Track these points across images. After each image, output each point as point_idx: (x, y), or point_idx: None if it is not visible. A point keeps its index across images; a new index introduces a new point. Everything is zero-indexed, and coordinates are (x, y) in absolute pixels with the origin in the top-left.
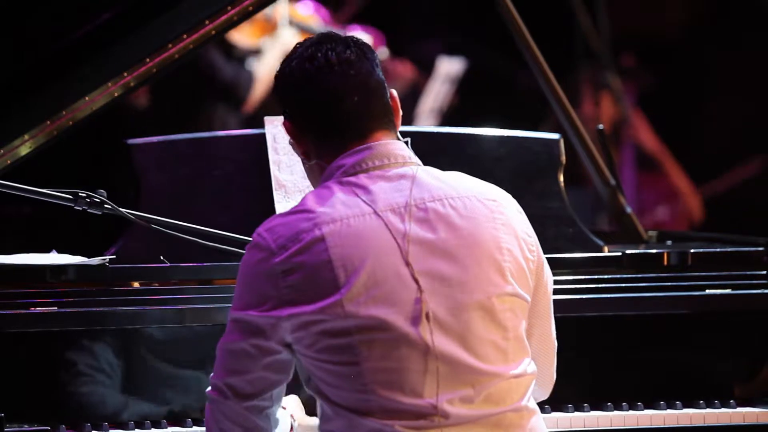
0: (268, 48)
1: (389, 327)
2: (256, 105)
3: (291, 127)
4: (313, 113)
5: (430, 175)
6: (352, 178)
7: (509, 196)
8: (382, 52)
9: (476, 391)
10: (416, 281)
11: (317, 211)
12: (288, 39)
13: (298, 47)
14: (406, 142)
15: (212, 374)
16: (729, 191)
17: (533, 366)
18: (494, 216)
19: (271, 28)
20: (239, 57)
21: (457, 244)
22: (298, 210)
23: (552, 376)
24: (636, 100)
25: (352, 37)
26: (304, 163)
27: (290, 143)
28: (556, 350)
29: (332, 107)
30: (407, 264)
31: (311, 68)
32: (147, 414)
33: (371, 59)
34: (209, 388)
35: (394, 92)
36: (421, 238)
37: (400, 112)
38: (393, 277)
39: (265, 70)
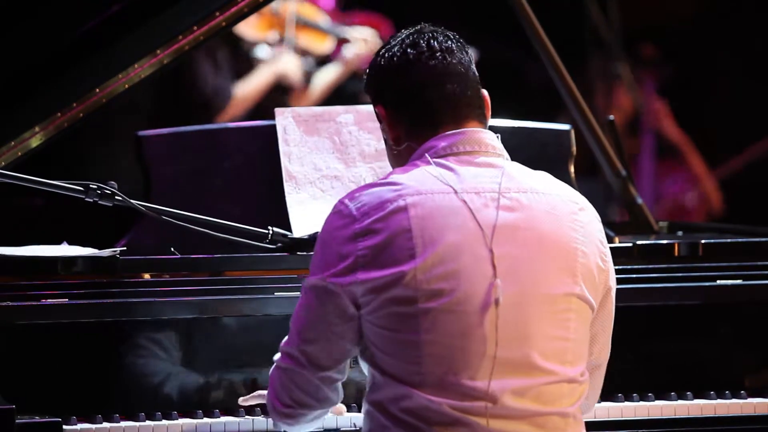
0: (262, 68)
1: (456, 304)
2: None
3: (386, 113)
4: (413, 96)
5: (518, 169)
6: (441, 160)
7: (590, 204)
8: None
9: (529, 385)
10: (494, 266)
11: (403, 184)
12: (286, 64)
13: (396, 36)
14: (498, 138)
15: (284, 342)
16: (749, 179)
17: (587, 376)
18: (575, 218)
19: (278, 22)
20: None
21: (536, 237)
22: (384, 182)
23: (598, 390)
24: (657, 89)
25: (451, 31)
26: (391, 150)
27: (382, 129)
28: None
29: (432, 91)
30: (490, 249)
31: (414, 53)
32: (158, 405)
33: (468, 53)
34: (279, 356)
35: (486, 93)
36: (505, 225)
37: (490, 111)
38: (469, 258)
39: (247, 89)
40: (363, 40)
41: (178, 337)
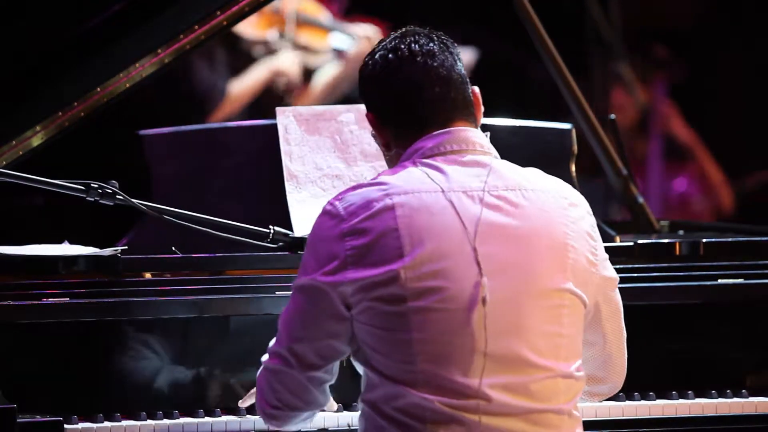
0: (260, 63)
1: (444, 302)
2: (219, 120)
3: (373, 119)
4: (395, 103)
5: (507, 166)
6: (428, 160)
7: (582, 197)
8: None
9: (522, 380)
10: (478, 264)
11: (390, 183)
12: (283, 61)
13: (382, 41)
14: (486, 136)
15: (272, 343)
16: (759, 181)
17: (582, 373)
18: (566, 213)
19: (278, 21)
20: (245, 52)
21: (525, 233)
22: (372, 182)
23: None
24: (667, 90)
25: (436, 31)
26: (384, 155)
27: (372, 135)
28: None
29: (414, 97)
30: (473, 248)
31: (394, 59)
32: (159, 404)
33: (453, 53)
34: (267, 357)
35: (476, 89)
36: (490, 223)
37: (482, 108)
38: (457, 256)
39: (242, 86)
40: (366, 38)
41: (179, 336)
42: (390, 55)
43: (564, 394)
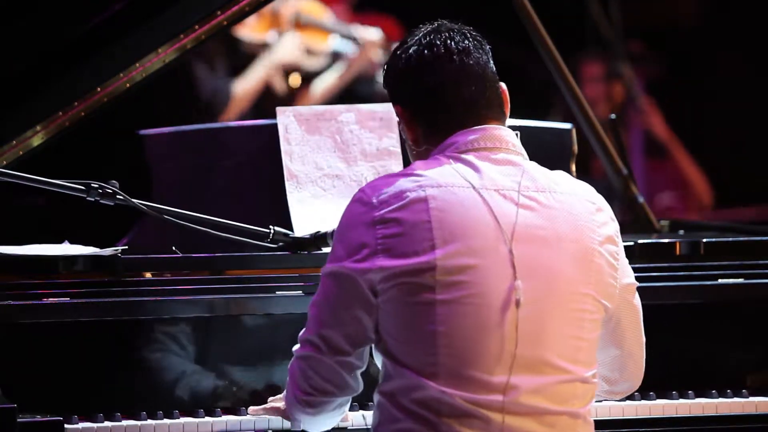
0: (259, 61)
1: (473, 298)
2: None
3: (403, 113)
4: (430, 100)
5: (537, 168)
6: (461, 155)
7: (606, 202)
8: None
9: (544, 383)
10: (513, 266)
11: (424, 175)
12: (285, 50)
13: (415, 35)
14: (516, 135)
15: (302, 332)
16: (740, 179)
17: (597, 379)
18: (593, 218)
19: (277, 21)
20: (246, 53)
21: (554, 236)
22: (405, 172)
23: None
24: (645, 86)
25: (468, 27)
26: (410, 150)
27: (400, 129)
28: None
29: (450, 95)
30: (510, 250)
31: (430, 55)
32: (159, 404)
33: (486, 50)
34: (298, 346)
35: (504, 86)
36: (524, 225)
37: (509, 104)
38: (490, 254)
39: (246, 85)
40: (369, 42)
41: (179, 336)
42: (426, 51)
43: (580, 399)
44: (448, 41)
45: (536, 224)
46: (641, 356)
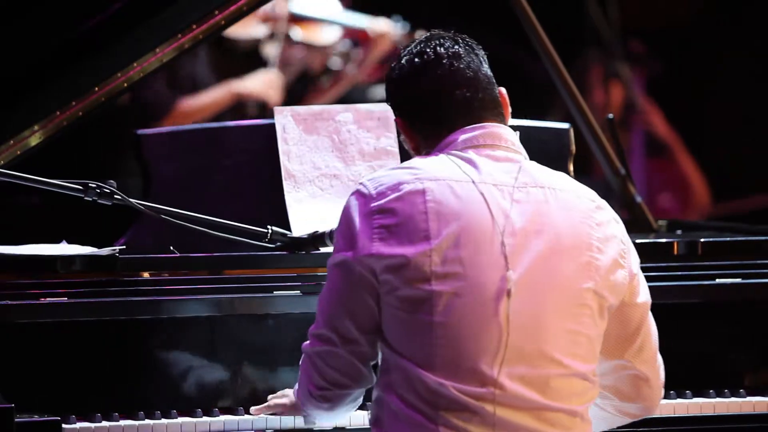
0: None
1: (468, 289)
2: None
3: (402, 123)
4: (423, 105)
5: (536, 167)
6: (460, 152)
7: (608, 205)
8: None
9: (538, 373)
10: (506, 258)
11: (422, 168)
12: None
13: (407, 46)
14: (516, 134)
15: (312, 327)
16: (740, 180)
17: (597, 379)
18: (591, 214)
19: (272, 22)
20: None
21: (552, 232)
22: (405, 166)
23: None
24: (645, 86)
25: (460, 34)
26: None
27: (401, 140)
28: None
29: (442, 98)
30: (502, 242)
31: (420, 62)
32: (157, 404)
33: (479, 54)
34: (307, 343)
35: (503, 90)
36: (519, 218)
37: (510, 108)
38: (485, 246)
39: (242, 86)
40: (380, 34)
41: (177, 336)
42: (416, 59)
43: (579, 396)
44: (438, 48)
45: (531, 218)
46: (657, 376)
